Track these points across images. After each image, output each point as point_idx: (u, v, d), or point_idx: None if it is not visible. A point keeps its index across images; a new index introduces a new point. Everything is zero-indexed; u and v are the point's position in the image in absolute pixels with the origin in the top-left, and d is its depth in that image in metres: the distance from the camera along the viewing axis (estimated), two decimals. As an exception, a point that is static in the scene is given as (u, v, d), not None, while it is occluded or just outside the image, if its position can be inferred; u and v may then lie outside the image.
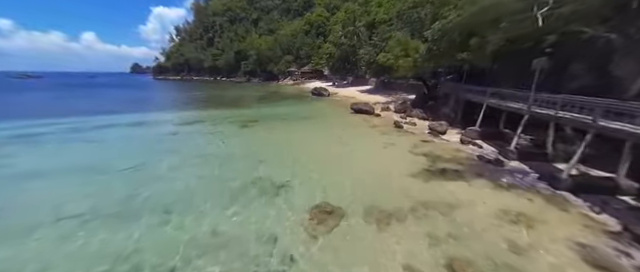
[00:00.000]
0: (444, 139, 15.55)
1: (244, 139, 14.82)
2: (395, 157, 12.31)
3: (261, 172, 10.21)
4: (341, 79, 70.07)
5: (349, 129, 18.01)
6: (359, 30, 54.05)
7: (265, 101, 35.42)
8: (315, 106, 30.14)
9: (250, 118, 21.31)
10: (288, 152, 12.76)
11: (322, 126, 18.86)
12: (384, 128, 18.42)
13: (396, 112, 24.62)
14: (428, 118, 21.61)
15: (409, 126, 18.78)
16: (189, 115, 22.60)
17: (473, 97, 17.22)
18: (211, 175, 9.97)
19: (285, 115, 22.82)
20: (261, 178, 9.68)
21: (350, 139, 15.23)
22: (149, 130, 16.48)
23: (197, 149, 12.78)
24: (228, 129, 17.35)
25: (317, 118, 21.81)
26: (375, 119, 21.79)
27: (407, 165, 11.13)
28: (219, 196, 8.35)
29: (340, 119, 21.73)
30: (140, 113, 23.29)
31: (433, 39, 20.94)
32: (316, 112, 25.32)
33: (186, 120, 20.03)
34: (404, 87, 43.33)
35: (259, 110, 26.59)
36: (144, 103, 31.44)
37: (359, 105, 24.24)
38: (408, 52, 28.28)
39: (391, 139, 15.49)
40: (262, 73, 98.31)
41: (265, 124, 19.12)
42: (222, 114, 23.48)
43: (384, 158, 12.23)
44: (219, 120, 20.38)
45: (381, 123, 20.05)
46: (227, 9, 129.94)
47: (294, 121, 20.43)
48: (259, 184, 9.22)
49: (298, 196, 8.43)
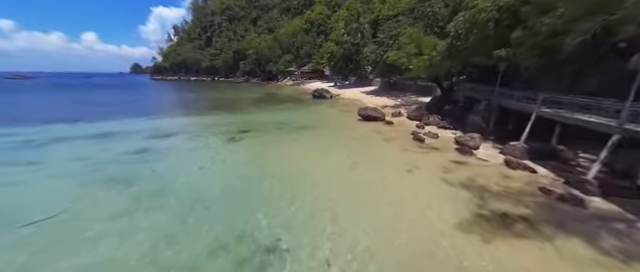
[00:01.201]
0: (481, 158, 12.27)
1: (228, 162, 11.48)
2: (427, 190, 9.06)
3: (243, 223, 6.97)
4: (343, 79, 66.94)
5: (359, 143, 14.76)
6: (363, 27, 50.77)
7: (261, 104, 32.19)
8: (316, 111, 26.89)
9: (241, 127, 18.09)
10: (283, 183, 9.53)
11: (326, 139, 15.60)
12: (401, 141, 15.16)
13: (410, 119, 21.35)
14: (450, 127, 18.37)
15: (431, 139, 15.51)
16: (171, 123, 19.39)
17: (514, 104, 13.93)
18: (164, 235, 6.49)
19: (282, 123, 19.58)
20: (242, 237, 6.44)
21: (362, 159, 11.97)
22: (111, 146, 13.28)
23: (160, 180, 9.36)
24: (212, 144, 14.12)
25: (319, 128, 18.57)
26: (388, 128, 18.53)
27: (449, 206, 7.88)
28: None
29: (346, 129, 18.49)
30: (115, 120, 20.07)
31: (456, 34, 17.68)
32: (318, 119, 22.08)
33: (165, 130, 16.81)
34: (412, 88, 40.07)
35: (253, 116, 23.35)
36: (126, 107, 28.23)
37: (368, 111, 21.00)
38: (422, 50, 25.04)
39: (414, 158, 12.23)
40: (261, 73, 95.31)
41: (258, 136, 15.88)
42: (210, 121, 20.26)
43: (412, 192, 8.97)
44: (204, 130, 17.16)
45: (396, 134, 16.79)
46: (226, 8, 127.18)
47: (292, 132, 17.18)
48: (237, 250, 6.00)
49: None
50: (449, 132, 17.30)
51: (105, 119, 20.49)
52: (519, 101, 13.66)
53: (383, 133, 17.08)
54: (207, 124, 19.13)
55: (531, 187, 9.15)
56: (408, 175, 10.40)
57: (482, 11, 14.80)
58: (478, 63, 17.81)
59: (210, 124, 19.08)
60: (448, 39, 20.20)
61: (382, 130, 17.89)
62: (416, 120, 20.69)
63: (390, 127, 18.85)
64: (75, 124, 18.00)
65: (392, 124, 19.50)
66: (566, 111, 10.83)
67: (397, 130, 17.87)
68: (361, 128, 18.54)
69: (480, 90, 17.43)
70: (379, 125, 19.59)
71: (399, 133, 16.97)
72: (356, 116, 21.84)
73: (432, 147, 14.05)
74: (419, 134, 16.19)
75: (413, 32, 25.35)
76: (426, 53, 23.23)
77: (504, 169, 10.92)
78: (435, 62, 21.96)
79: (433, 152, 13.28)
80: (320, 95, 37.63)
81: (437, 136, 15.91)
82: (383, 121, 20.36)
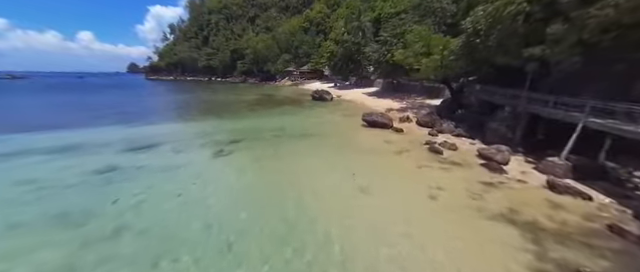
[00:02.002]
0: (516, 178, 10.26)
1: (211, 187, 9.27)
2: (461, 229, 7.03)
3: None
4: (343, 80, 65.02)
5: (366, 157, 12.73)
6: (365, 25, 48.73)
7: (257, 108, 30.10)
8: (317, 115, 24.84)
9: (233, 136, 16.03)
10: (276, 214, 7.52)
11: (328, 152, 13.55)
12: (415, 154, 13.15)
13: (420, 125, 19.33)
14: (467, 135, 16.39)
15: (449, 151, 13.50)
16: (153, 132, 17.27)
17: (550, 112, 11.94)
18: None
19: (279, 131, 17.52)
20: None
21: (372, 180, 9.95)
22: (74, 162, 11.18)
23: (121, 217, 7.18)
24: (196, 160, 12.03)
25: (320, 136, 16.52)
26: (397, 137, 16.50)
27: (495, 254, 5.89)
28: None
29: (350, 137, 16.46)
30: (91, 128, 17.90)
31: (474, 30, 15.69)
32: (319, 125, 20.03)
33: (144, 141, 14.71)
34: (417, 89, 38.11)
35: (247, 122, 21.26)
36: (109, 111, 26.05)
37: (373, 116, 18.96)
38: (430, 49, 23.05)
39: (434, 177, 10.22)
40: (259, 73, 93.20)
41: (251, 148, 13.80)
42: (198, 129, 18.17)
43: (440, 228, 6.98)
44: (190, 140, 15.07)
45: (408, 144, 14.78)
46: (223, 6, 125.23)
47: (290, 142, 15.12)
48: None
49: None
50: (467, 141, 15.31)
51: (80, 126, 18.35)
52: (556, 108, 11.66)
53: (393, 143, 15.05)
54: (195, 132, 17.05)
55: (595, 223, 7.15)
56: (431, 202, 8.38)
57: (508, 4, 12.80)
58: (500, 63, 15.83)
59: (198, 132, 16.99)
60: (462, 37, 18.26)
61: (391, 139, 15.86)
62: (427, 127, 18.69)
63: (400, 135, 16.82)
64: (42, 133, 15.84)
65: (402, 132, 17.48)
66: (624, 122, 8.84)
67: (408, 139, 15.85)
68: (367, 137, 16.51)
69: (502, 94, 15.43)
70: (387, 133, 17.56)
71: (411, 143, 14.95)
72: (360, 121, 19.82)
73: (452, 162, 12.03)
74: (434, 144, 14.18)
75: (421, 30, 23.34)
76: (436, 52, 21.26)
77: (549, 194, 8.92)
78: (447, 62, 20.00)
79: (455, 168, 11.26)
80: (320, 97, 35.58)
81: (455, 147, 13.90)
82: (391, 128, 18.33)
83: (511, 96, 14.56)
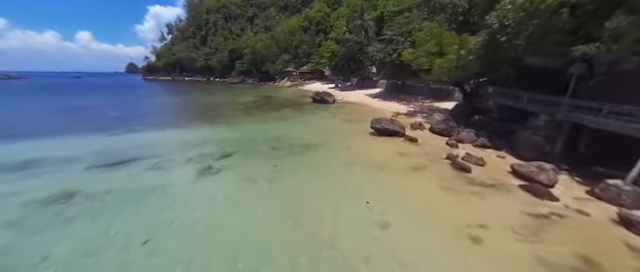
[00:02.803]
0: (573, 207, 8.21)
1: (191, 222, 7.26)
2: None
3: None
4: (344, 80, 63.10)
5: (380, 175, 10.70)
6: (368, 24, 46.72)
7: (255, 111, 28.05)
8: (319, 121, 22.79)
9: (225, 148, 13.98)
10: (275, 268, 5.50)
11: (334, 167, 11.50)
12: (437, 171, 11.13)
13: (436, 133, 17.32)
14: (490, 145, 14.37)
15: (476, 167, 11.46)
16: (133, 142, 15.20)
17: (601, 123, 9.92)
18: None
19: (277, 140, 15.46)
20: None
21: (393, 209, 7.94)
22: (24, 185, 9.04)
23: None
24: (176, 182, 9.92)
25: (324, 147, 14.46)
26: (412, 148, 14.46)
27: None
28: None
29: (358, 149, 14.40)
30: (63, 136, 15.73)
31: (501, 27, 13.67)
32: (321, 133, 17.96)
33: (119, 154, 12.66)
34: (424, 91, 36.11)
35: (242, 130, 19.19)
36: (93, 115, 24.00)
37: (383, 123, 16.90)
38: (443, 48, 21.06)
39: (469, 206, 8.22)
40: (257, 73, 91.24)
41: (244, 165, 11.71)
42: (186, 138, 16.09)
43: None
44: (173, 154, 12.98)
45: (426, 158, 12.74)
46: (222, 6, 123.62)
47: (289, 155, 13.05)
48: None
49: None
50: (493, 154, 13.28)
51: (53, 133, 16.26)
52: (608, 117, 9.66)
53: (408, 156, 13.01)
54: (182, 143, 14.98)
55: None
56: (477, 251, 6.34)
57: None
58: (528, 64, 13.82)
59: (185, 143, 14.92)
60: (482, 34, 16.26)
61: (405, 151, 13.83)
62: (444, 135, 16.68)
63: (414, 146, 14.79)
64: (3, 143, 13.75)
65: (416, 141, 15.44)
66: None
67: (425, 151, 13.81)
68: (377, 148, 14.47)
69: (531, 99, 13.39)
70: (399, 142, 15.53)
71: (429, 156, 12.91)
72: (368, 129, 17.79)
73: (484, 183, 10.00)
74: (457, 158, 12.16)
75: (433, 27, 21.32)
76: (450, 51, 19.25)
77: (625, 234, 6.89)
78: (464, 62, 17.98)
79: (491, 193, 9.23)
80: (322, 99, 33.54)
81: (483, 162, 11.85)
82: (403, 136, 16.30)
83: (546, 102, 12.52)
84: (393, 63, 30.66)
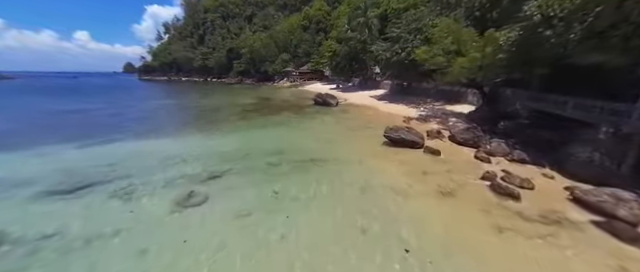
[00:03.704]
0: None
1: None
2: None
3: None
4: (345, 81, 60.91)
5: (405, 205, 8.43)
6: (372, 22, 44.45)
7: (252, 115, 25.74)
8: (323, 127, 20.48)
9: (213, 164, 11.68)
10: None
11: (348, 195, 9.21)
12: (476, 197, 8.86)
13: (459, 143, 15.05)
14: (529, 159, 12.10)
15: (525, 192, 9.21)
16: (105, 156, 12.80)
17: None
18: None
19: (276, 154, 13.15)
20: None
21: (436, 258, 5.72)
22: None
23: None
24: (144, 218, 7.58)
25: (332, 163, 12.14)
26: (436, 164, 12.16)
27: None
28: None
29: (374, 165, 12.06)
30: (25, 149, 13.40)
31: (546, 18, 11.45)
32: (327, 143, 15.66)
33: (81, 174, 10.30)
34: (433, 93, 33.81)
35: (236, 139, 16.85)
36: (73, 120, 21.68)
37: (399, 132, 14.56)
38: (460, 46, 18.82)
39: (537, 259, 5.98)
40: (256, 73, 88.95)
41: (235, 190, 9.28)
42: (169, 151, 13.73)
43: None
44: (149, 174, 10.64)
45: (456, 177, 10.47)
46: (220, 5, 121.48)
47: (291, 175, 10.72)
48: None
49: None
50: (537, 172, 11.02)
51: (15, 145, 13.80)
52: None
53: (434, 174, 10.75)
54: (164, 157, 12.64)
55: None
56: None
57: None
58: (577, 63, 11.60)
59: (168, 157, 12.58)
60: (515, 29, 14.06)
61: (429, 167, 11.55)
62: (469, 145, 14.43)
63: (438, 161, 12.52)
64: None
65: (438, 154, 13.17)
66: None
67: (452, 167, 11.55)
68: (395, 164, 12.17)
69: (587, 106, 11.14)
70: (419, 155, 13.27)
71: (460, 175, 10.64)
72: (378, 136, 15.56)
73: (544, 217, 7.73)
74: (496, 179, 9.95)
75: (450, 22, 19.06)
76: (471, 49, 17.00)
77: None
78: (490, 62, 15.75)
79: (559, 234, 6.97)
80: (324, 101, 31.25)
81: (531, 185, 9.58)
82: (423, 147, 14.04)
83: (606, 110, 10.28)
84: (401, 63, 28.40)
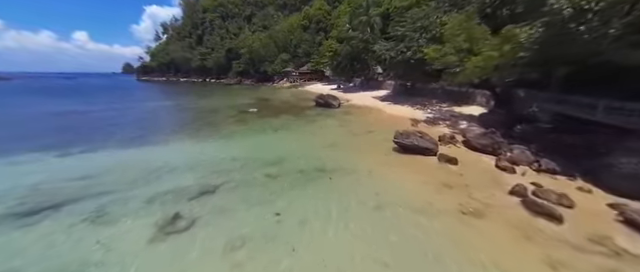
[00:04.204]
0: None
1: None
2: None
3: None
4: (346, 81, 59.70)
5: (429, 228, 7.16)
6: (374, 20, 43.19)
7: (250, 118, 24.45)
8: (326, 131, 19.18)
9: (204, 178, 10.37)
10: None
11: (359, 215, 7.91)
12: (509, 218, 7.59)
13: (475, 149, 13.77)
14: (557, 169, 10.82)
15: (566, 211, 7.93)
16: (81, 169, 11.40)
17: None
18: None
19: (276, 164, 11.84)
20: None
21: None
22: None
23: None
24: (115, 249, 6.36)
25: (339, 174, 10.86)
26: (455, 174, 10.88)
27: None
28: None
29: (385, 176, 10.78)
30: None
31: (579, 12, 10.17)
32: (331, 150, 14.35)
33: (47, 193, 8.93)
34: (439, 94, 32.53)
35: (232, 146, 15.51)
36: (51, 124, 20.35)
37: (411, 138, 13.27)
38: (473, 45, 17.54)
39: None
40: (255, 74, 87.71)
41: (227, 213, 7.87)
42: (155, 161, 12.37)
43: None
44: (128, 192, 9.26)
45: (481, 192, 9.18)
46: (219, 5, 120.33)
47: (294, 190, 9.40)
48: None
49: None
50: (570, 184, 9.76)
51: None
52: None
53: (455, 188, 9.47)
54: (149, 168, 11.30)
55: None
56: None
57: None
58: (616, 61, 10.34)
59: (154, 169, 11.23)
60: (537, 25, 12.80)
61: (448, 180, 10.26)
62: (487, 152, 13.14)
63: (456, 171, 11.23)
64: None
65: (454, 163, 11.88)
66: None
67: (473, 179, 10.27)
68: (409, 175, 10.89)
69: (628, 111, 9.86)
70: (433, 164, 11.99)
71: (485, 191, 9.33)
72: (385, 141, 14.34)
73: (598, 245, 6.48)
74: (528, 195, 8.69)
75: (462, 19, 17.77)
76: (485, 47, 15.71)
77: None
78: (508, 61, 14.47)
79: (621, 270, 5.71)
80: (326, 103, 29.95)
81: (570, 202, 8.31)
82: (437, 155, 12.76)
83: None
84: (406, 62, 27.13)
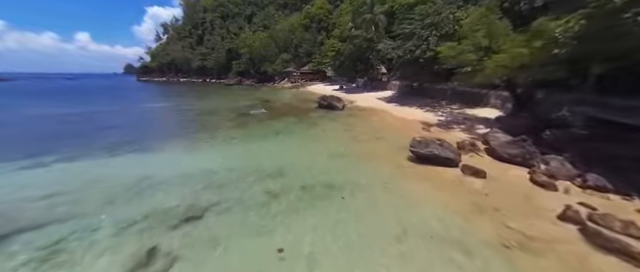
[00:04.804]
0: None
1: None
2: None
3: None
4: (349, 81, 58.21)
5: (462, 261, 5.58)
6: (378, 18, 41.59)
7: (249, 121, 22.89)
8: (331, 136, 17.57)
9: (191, 196, 8.83)
10: None
11: (380, 252, 6.33)
12: (573, 261, 5.97)
13: (502, 159, 12.13)
14: (610, 187, 9.19)
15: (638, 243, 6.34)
16: (49, 184, 9.87)
17: None
18: None
19: (277, 177, 10.28)
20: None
21: None
22: None
23: None
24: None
25: (349, 191, 9.26)
26: (485, 191, 9.25)
27: None
28: None
29: (403, 194, 9.20)
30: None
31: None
32: (339, 159, 12.72)
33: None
34: (448, 95, 30.86)
35: (227, 156, 13.88)
36: (34, 129, 18.92)
37: (430, 146, 11.62)
38: (492, 42, 15.91)
39: None
40: (256, 74, 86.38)
41: (216, 249, 6.30)
42: (136, 175, 10.78)
43: None
44: (95, 217, 7.71)
45: (523, 217, 7.57)
46: (219, 4, 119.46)
47: (299, 214, 7.80)
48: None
49: None
50: (629, 206, 8.14)
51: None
52: None
53: (490, 212, 7.87)
54: (128, 183, 9.74)
55: None
56: None
57: None
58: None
59: (133, 185, 9.66)
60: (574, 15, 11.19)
61: (480, 199, 8.66)
62: (517, 163, 11.49)
63: (486, 187, 9.60)
64: None
65: (482, 176, 10.26)
66: None
67: (510, 198, 8.65)
68: (430, 192, 9.28)
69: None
70: (458, 178, 10.37)
71: (529, 215, 7.72)
72: (400, 150, 12.76)
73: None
74: (585, 224, 7.08)
75: (481, 13, 16.12)
76: (514, 44, 14.06)
77: None
78: (539, 58, 12.83)
79: None
80: (329, 104, 28.35)
81: (639, 232, 6.71)
82: (460, 166, 11.14)
83: None
84: (415, 61, 25.52)
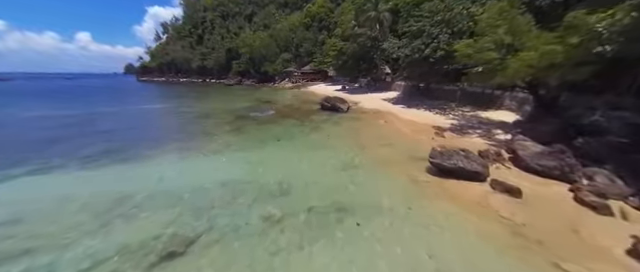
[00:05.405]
0: None
1: None
2: None
3: None
4: (351, 81, 56.73)
5: None
6: (383, 16, 40.07)
7: (248, 125, 21.44)
8: (337, 143, 16.06)
9: (171, 225, 7.42)
10: None
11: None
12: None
13: (534, 171, 10.63)
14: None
15: None
16: (15, 203, 8.65)
17: None
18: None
19: (278, 196, 8.85)
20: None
21: None
22: None
23: None
24: None
25: (362, 216, 7.85)
26: (526, 216, 7.78)
27: None
28: None
29: (427, 217, 7.77)
30: None
31: None
32: (349, 173, 11.22)
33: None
34: (457, 96, 29.35)
35: (221, 165, 12.42)
36: (15, 135, 17.60)
37: (453, 158, 10.11)
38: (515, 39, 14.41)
39: None
40: (256, 74, 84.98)
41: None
42: (110, 194, 9.31)
43: None
44: (47, 257, 6.37)
45: (569, 250, 6.14)
46: (219, 4, 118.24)
47: (304, 250, 6.41)
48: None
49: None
50: None
51: None
52: None
53: (531, 241, 6.45)
54: (99, 209, 8.28)
55: None
56: None
57: None
58: None
59: (106, 209, 8.21)
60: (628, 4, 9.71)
61: (517, 224, 7.19)
62: (553, 177, 9.99)
63: (525, 210, 8.12)
64: None
65: (518, 195, 8.78)
66: None
67: (552, 222, 7.19)
68: (461, 214, 7.82)
69: None
70: (488, 196, 8.90)
71: (578, 247, 6.27)
72: (417, 160, 11.31)
73: None
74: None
75: (501, 7, 14.58)
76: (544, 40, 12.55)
77: None
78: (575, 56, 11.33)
79: None
80: (332, 106, 26.88)
81: None
82: (488, 182, 9.67)
83: None
84: (425, 60, 24.04)
